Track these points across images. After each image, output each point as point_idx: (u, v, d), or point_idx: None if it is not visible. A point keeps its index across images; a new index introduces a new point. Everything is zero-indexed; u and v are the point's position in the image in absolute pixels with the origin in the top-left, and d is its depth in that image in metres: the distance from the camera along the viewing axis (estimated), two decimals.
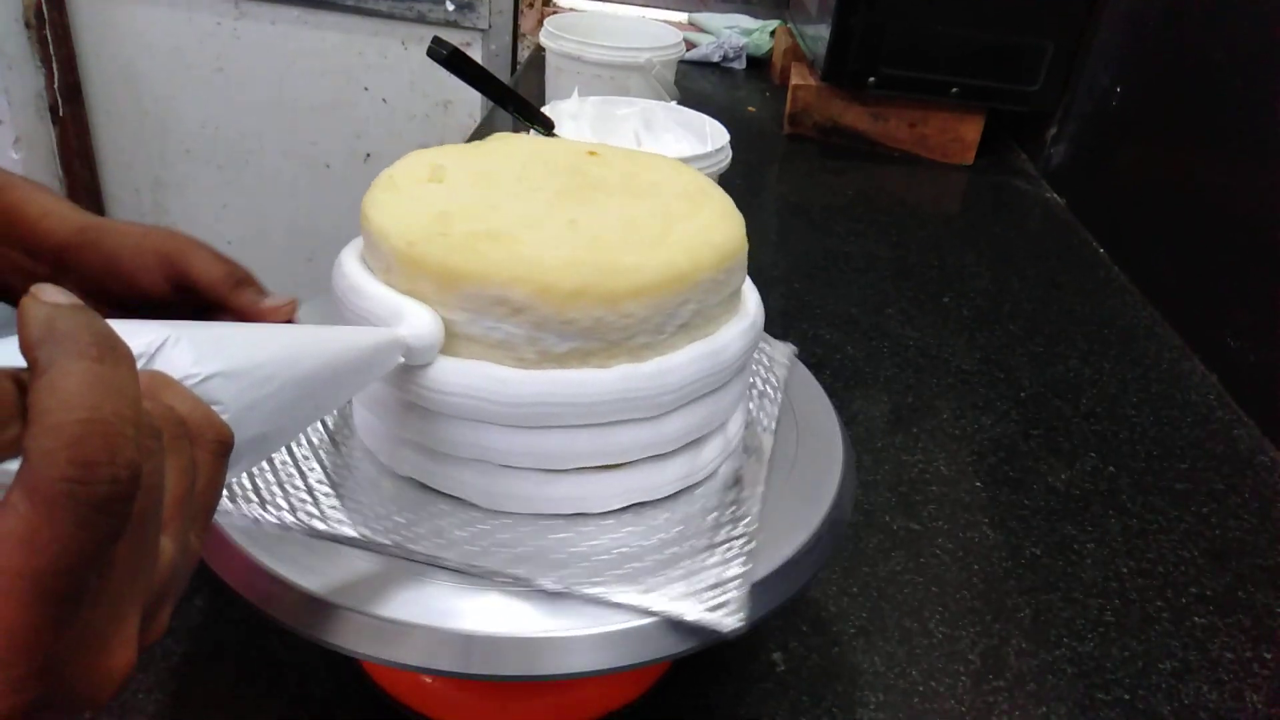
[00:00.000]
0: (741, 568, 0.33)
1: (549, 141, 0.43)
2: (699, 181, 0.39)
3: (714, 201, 0.38)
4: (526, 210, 0.35)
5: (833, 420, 0.43)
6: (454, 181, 0.37)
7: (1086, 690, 0.46)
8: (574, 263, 0.32)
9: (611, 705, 0.40)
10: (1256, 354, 0.71)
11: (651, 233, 0.34)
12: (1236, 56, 0.80)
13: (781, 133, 1.18)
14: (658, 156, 0.42)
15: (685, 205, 0.37)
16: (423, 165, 0.37)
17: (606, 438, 0.34)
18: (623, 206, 0.36)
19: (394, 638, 0.31)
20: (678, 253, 0.33)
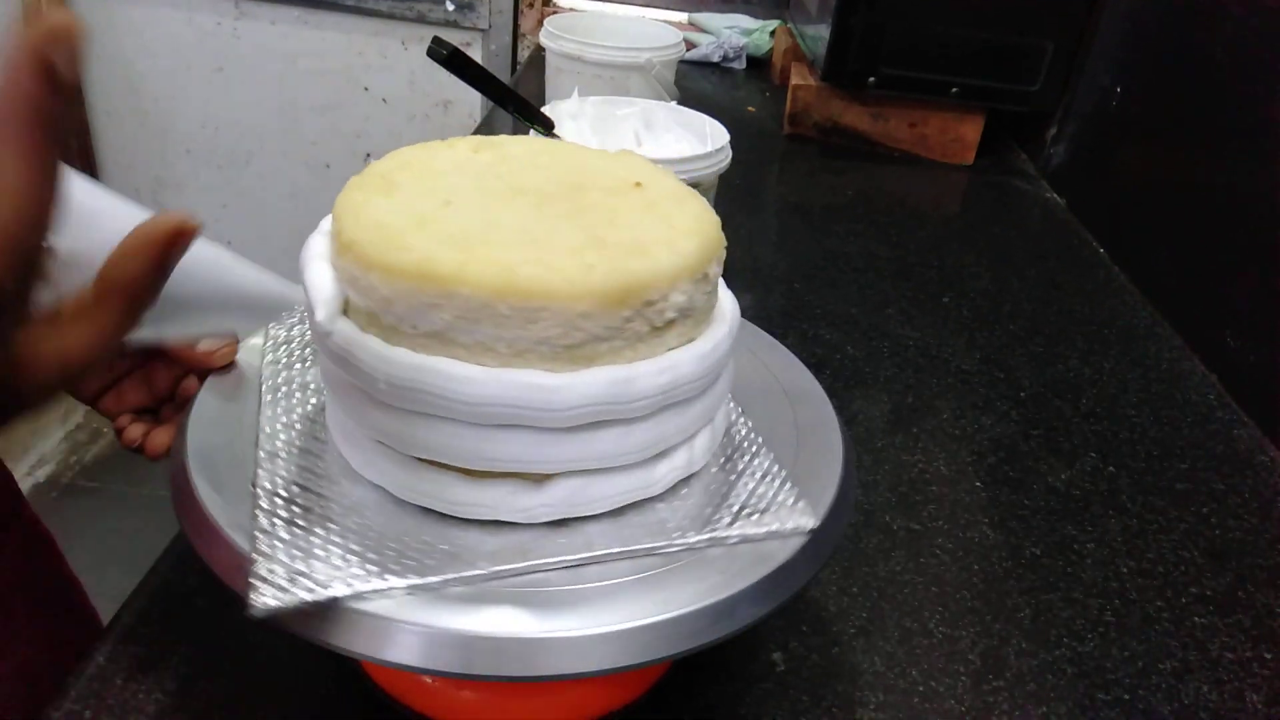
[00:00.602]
0: (784, 482, 0.37)
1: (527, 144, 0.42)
2: (665, 187, 0.38)
3: (681, 208, 0.37)
4: (493, 216, 0.34)
5: (833, 420, 0.43)
6: (411, 188, 0.36)
7: (1086, 690, 0.46)
8: (515, 266, 0.31)
9: (611, 705, 0.40)
10: (1256, 354, 0.71)
11: (615, 240, 0.33)
12: (1236, 56, 0.80)
13: (781, 133, 1.18)
14: (636, 160, 0.41)
15: (648, 213, 0.35)
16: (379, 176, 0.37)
17: (586, 444, 0.34)
18: (587, 211, 0.35)
19: (394, 638, 0.31)
20: (644, 261, 0.32)
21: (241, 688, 0.41)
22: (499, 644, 0.31)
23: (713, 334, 0.36)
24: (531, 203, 0.35)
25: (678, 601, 0.32)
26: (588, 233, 0.33)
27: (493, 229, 0.33)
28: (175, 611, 0.43)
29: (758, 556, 0.34)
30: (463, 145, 0.39)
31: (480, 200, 0.35)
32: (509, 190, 0.36)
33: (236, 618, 0.43)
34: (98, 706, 0.39)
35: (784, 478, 0.38)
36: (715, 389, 0.37)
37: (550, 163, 0.39)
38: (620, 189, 0.37)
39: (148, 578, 0.45)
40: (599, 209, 0.35)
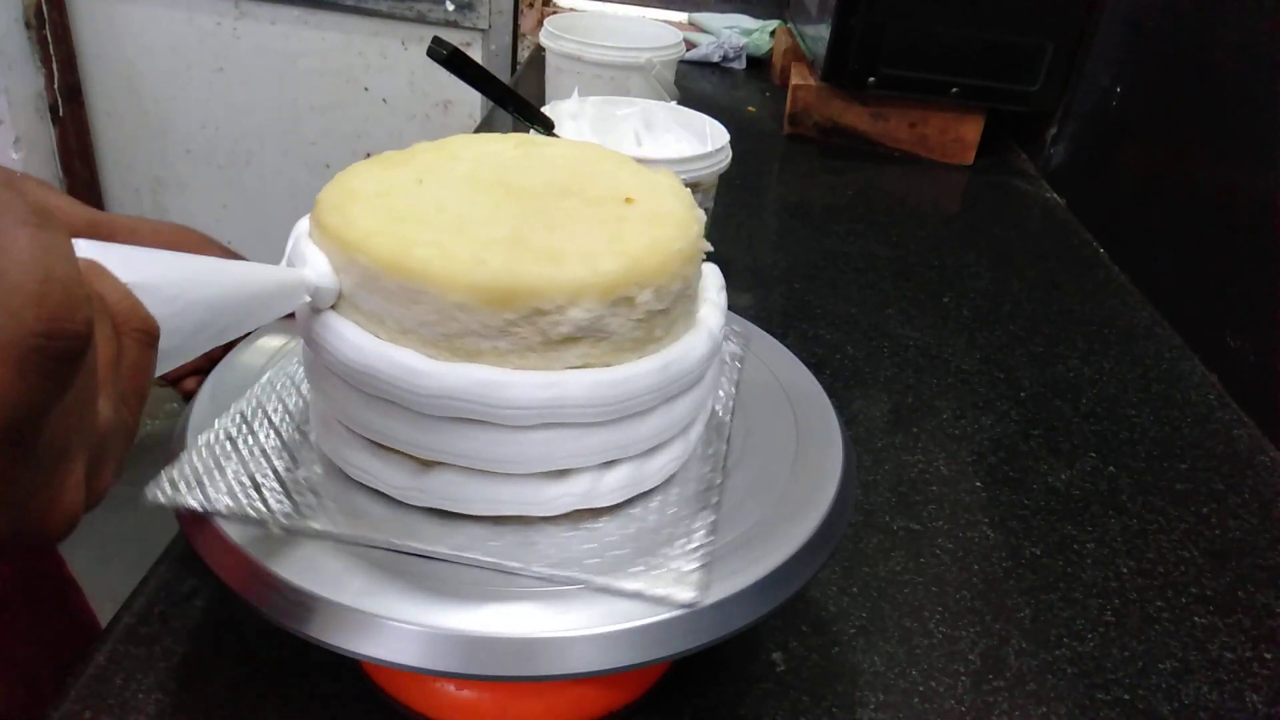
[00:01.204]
0: (701, 556, 0.34)
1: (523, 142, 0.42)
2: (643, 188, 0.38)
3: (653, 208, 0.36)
4: (448, 202, 0.35)
5: (833, 420, 0.43)
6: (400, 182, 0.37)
7: (1086, 690, 0.46)
8: (481, 262, 0.31)
9: (611, 705, 0.40)
10: (1256, 354, 0.71)
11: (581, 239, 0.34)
12: (1236, 56, 0.80)
13: (781, 133, 1.18)
14: (616, 159, 0.41)
15: (606, 226, 0.35)
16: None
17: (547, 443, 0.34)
18: (560, 211, 0.35)
19: (394, 638, 0.31)
20: (545, 269, 0.32)
21: (241, 688, 0.41)
22: (499, 644, 0.31)
23: (634, 367, 0.33)
24: (503, 197, 0.36)
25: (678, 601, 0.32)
26: (520, 232, 0.33)
27: (437, 212, 0.34)
28: (175, 611, 0.43)
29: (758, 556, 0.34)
30: (509, 140, 0.41)
31: (455, 187, 0.36)
32: (496, 184, 0.37)
33: (237, 618, 0.43)
34: (98, 706, 0.39)
35: (702, 546, 0.35)
36: (634, 424, 0.35)
37: (565, 165, 0.39)
38: (607, 199, 0.36)
39: (148, 578, 0.45)
40: (560, 212, 0.35)
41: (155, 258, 0.28)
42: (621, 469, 0.36)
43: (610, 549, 0.35)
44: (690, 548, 0.34)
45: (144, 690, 0.40)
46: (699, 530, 0.35)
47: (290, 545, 0.33)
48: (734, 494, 0.38)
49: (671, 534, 0.36)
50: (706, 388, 0.38)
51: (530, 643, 0.31)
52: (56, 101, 1.74)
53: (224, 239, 0.44)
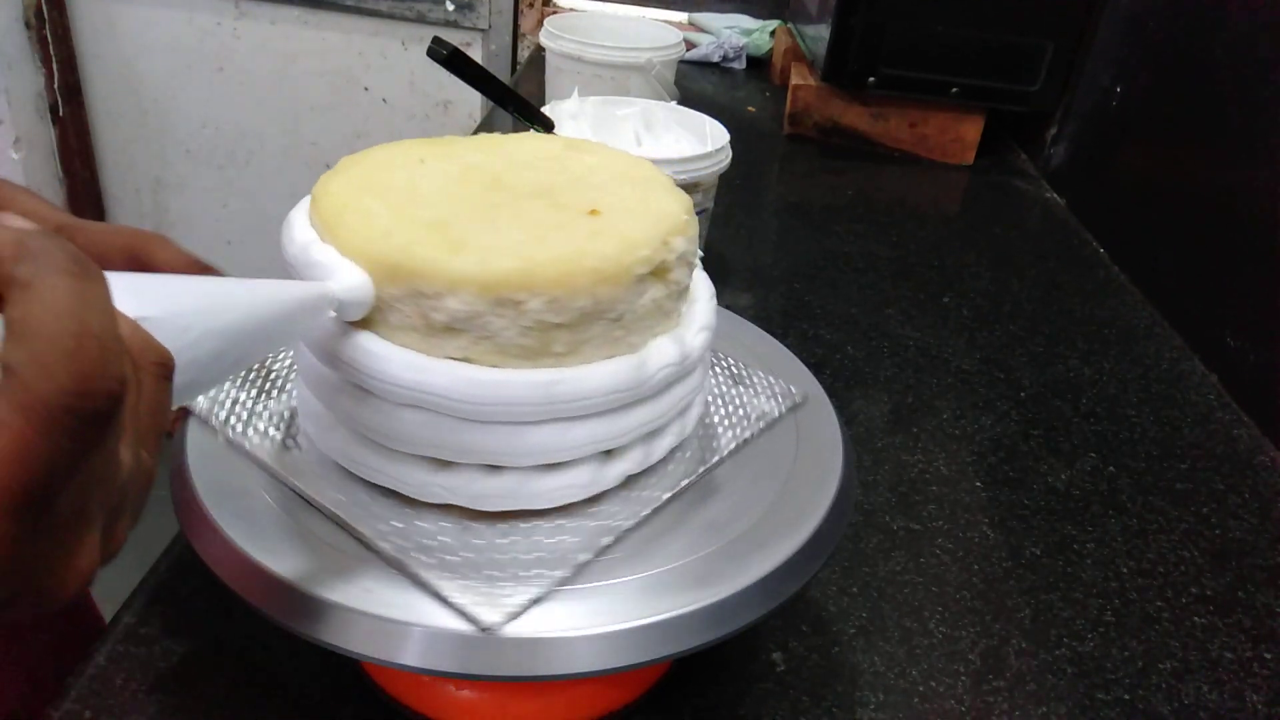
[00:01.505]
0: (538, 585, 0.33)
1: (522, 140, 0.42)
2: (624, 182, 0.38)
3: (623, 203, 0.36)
4: (434, 199, 0.35)
5: (833, 420, 0.43)
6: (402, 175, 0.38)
7: (1086, 690, 0.46)
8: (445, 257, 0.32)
9: (611, 705, 0.40)
10: (1256, 354, 0.71)
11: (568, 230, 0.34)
12: (1236, 56, 0.80)
13: (781, 133, 1.18)
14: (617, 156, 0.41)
15: (540, 227, 0.35)
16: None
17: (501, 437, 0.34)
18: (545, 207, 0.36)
19: (394, 638, 0.31)
20: (428, 252, 0.32)
21: (241, 688, 0.41)
22: (499, 644, 0.31)
23: (515, 375, 0.32)
24: (479, 191, 0.36)
25: (678, 601, 0.32)
26: (453, 219, 0.34)
27: (409, 194, 0.35)
28: (175, 611, 0.43)
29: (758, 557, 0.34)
30: (557, 143, 0.41)
31: (446, 177, 0.37)
32: (489, 178, 0.37)
33: (236, 618, 0.43)
34: (98, 706, 0.39)
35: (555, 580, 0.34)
36: (516, 433, 0.34)
37: (577, 171, 0.39)
38: (574, 207, 0.36)
39: (148, 578, 0.45)
40: (514, 210, 0.35)
41: (164, 285, 0.26)
42: (506, 477, 0.35)
43: (494, 552, 0.34)
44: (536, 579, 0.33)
45: (144, 690, 0.40)
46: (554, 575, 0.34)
47: (290, 545, 0.33)
48: (734, 494, 0.38)
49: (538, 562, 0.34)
50: (629, 418, 0.36)
51: (530, 643, 0.31)
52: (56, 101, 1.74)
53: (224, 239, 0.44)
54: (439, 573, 0.33)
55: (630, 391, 0.34)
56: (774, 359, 0.47)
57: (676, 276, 0.35)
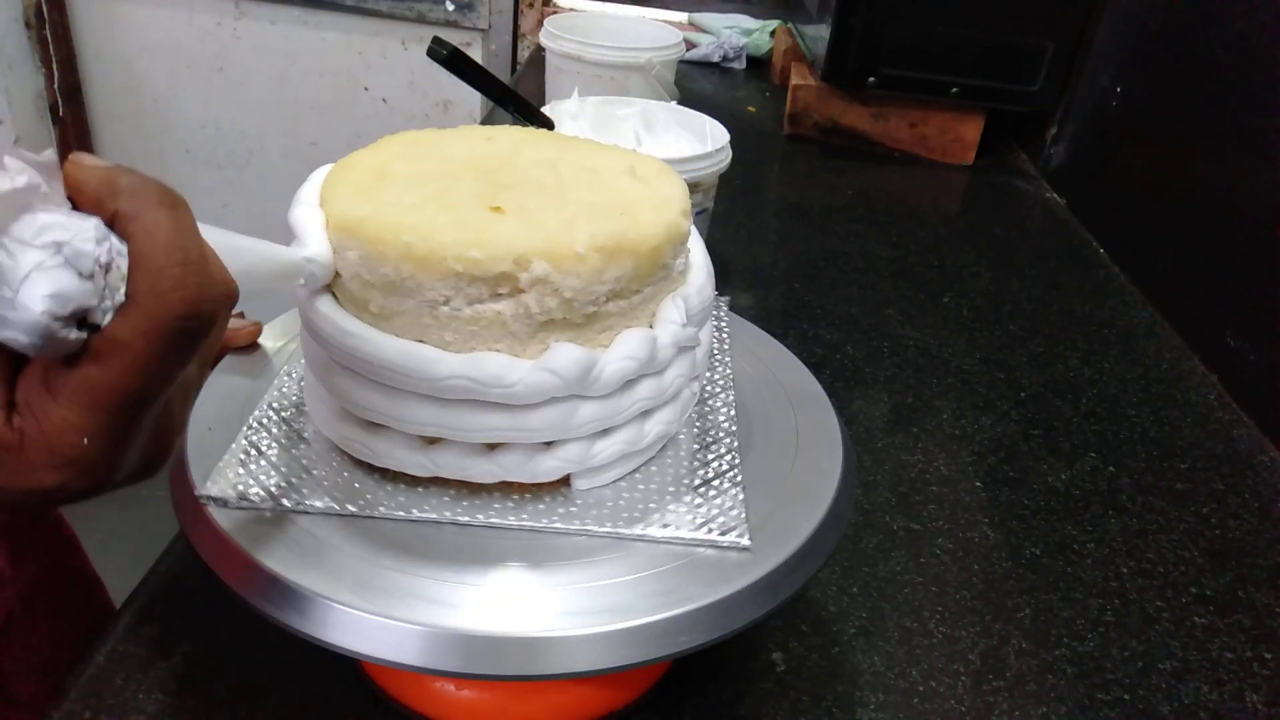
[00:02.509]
0: (735, 498, 0.37)
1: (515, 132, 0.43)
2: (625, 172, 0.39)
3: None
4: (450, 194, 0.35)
5: (833, 420, 0.43)
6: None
7: (1086, 690, 0.46)
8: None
9: (612, 705, 0.40)
10: (1256, 354, 0.71)
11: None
12: (1236, 56, 0.80)
13: (781, 133, 1.18)
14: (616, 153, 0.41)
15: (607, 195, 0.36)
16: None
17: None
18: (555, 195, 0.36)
19: (394, 638, 0.31)
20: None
21: (241, 688, 0.41)
22: (499, 644, 0.31)
23: (472, 359, 0.33)
24: (473, 177, 0.37)
25: (678, 601, 0.32)
26: (445, 194, 0.35)
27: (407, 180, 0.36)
28: (175, 611, 0.43)
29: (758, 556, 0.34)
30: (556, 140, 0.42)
31: (446, 171, 0.37)
32: (493, 166, 0.38)
33: (236, 617, 0.43)
34: (98, 706, 0.39)
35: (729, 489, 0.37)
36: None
37: (562, 167, 0.39)
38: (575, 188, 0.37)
39: (148, 578, 0.45)
40: (512, 197, 0.36)
41: (207, 231, 0.28)
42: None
43: (637, 502, 0.36)
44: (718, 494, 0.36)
45: (144, 690, 0.40)
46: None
47: (290, 544, 0.33)
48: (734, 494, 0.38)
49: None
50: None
51: (530, 643, 0.31)
52: (56, 101, 1.74)
53: None
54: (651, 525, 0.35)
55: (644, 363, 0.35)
56: (774, 359, 0.47)
57: None
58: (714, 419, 0.42)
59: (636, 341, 0.35)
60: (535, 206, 0.34)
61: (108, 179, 0.23)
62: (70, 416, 0.22)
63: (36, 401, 0.22)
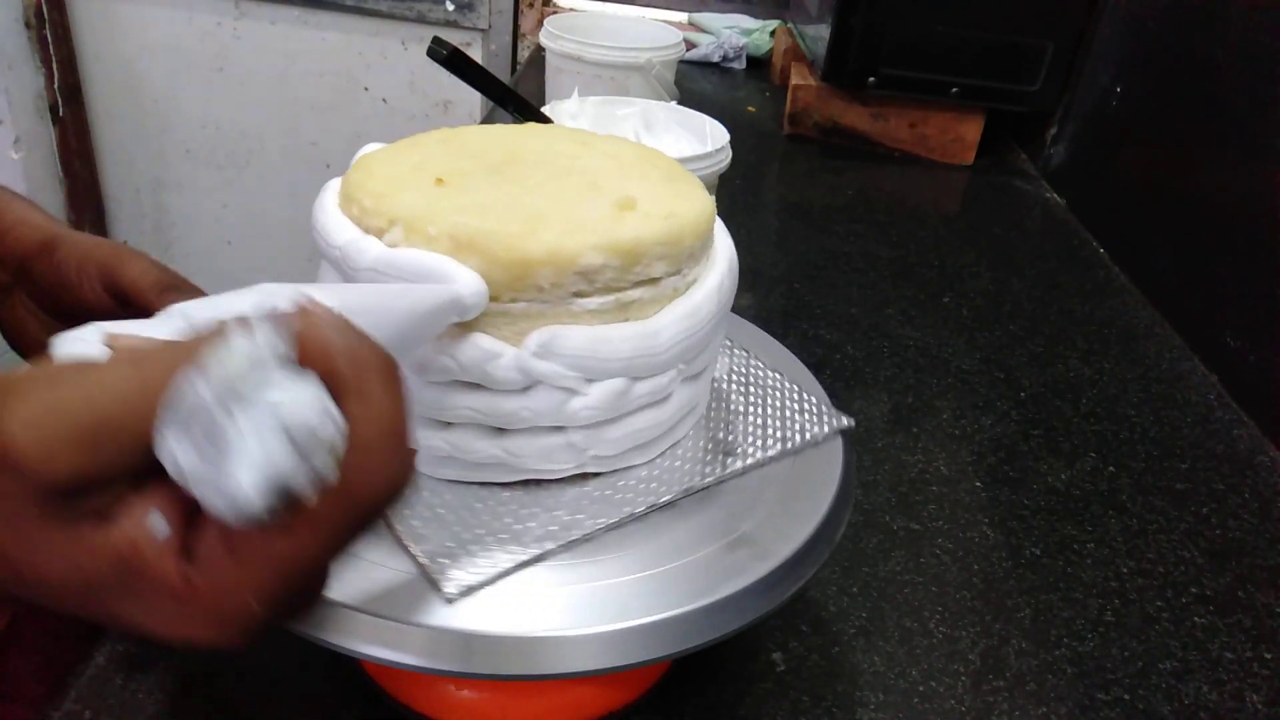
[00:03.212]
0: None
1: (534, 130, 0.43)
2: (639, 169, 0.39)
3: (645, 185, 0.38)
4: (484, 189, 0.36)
5: None
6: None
7: (1086, 690, 0.46)
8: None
9: (611, 705, 0.40)
10: (1256, 354, 0.71)
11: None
12: (1236, 56, 0.80)
13: (781, 133, 1.18)
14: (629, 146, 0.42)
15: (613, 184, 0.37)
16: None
17: None
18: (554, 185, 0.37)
19: (394, 638, 0.31)
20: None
21: (241, 688, 0.41)
22: (499, 644, 0.31)
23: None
24: (487, 168, 0.37)
25: (678, 601, 0.32)
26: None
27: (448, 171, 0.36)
28: None
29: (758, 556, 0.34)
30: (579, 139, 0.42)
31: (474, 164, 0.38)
32: (509, 160, 0.38)
33: None
34: (98, 706, 0.39)
35: None
36: None
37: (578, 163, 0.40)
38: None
39: None
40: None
41: (337, 293, 0.26)
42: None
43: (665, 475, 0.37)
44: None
45: (144, 690, 0.40)
46: None
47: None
48: (734, 494, 0.38)
49: None
50: None
51: (530, 643, 0.31)
52: (56, 101, 1.74)
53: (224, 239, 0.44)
54: (419, 533, 0.33)
55: None
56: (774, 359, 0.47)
57: None
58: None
59: None
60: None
61: (349, 351, 0.22)
62: (245, 580, 0.21)
63: (215, 558, 0.21)
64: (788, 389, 0.44)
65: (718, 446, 0.40)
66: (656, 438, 0.38)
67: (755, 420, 0.42)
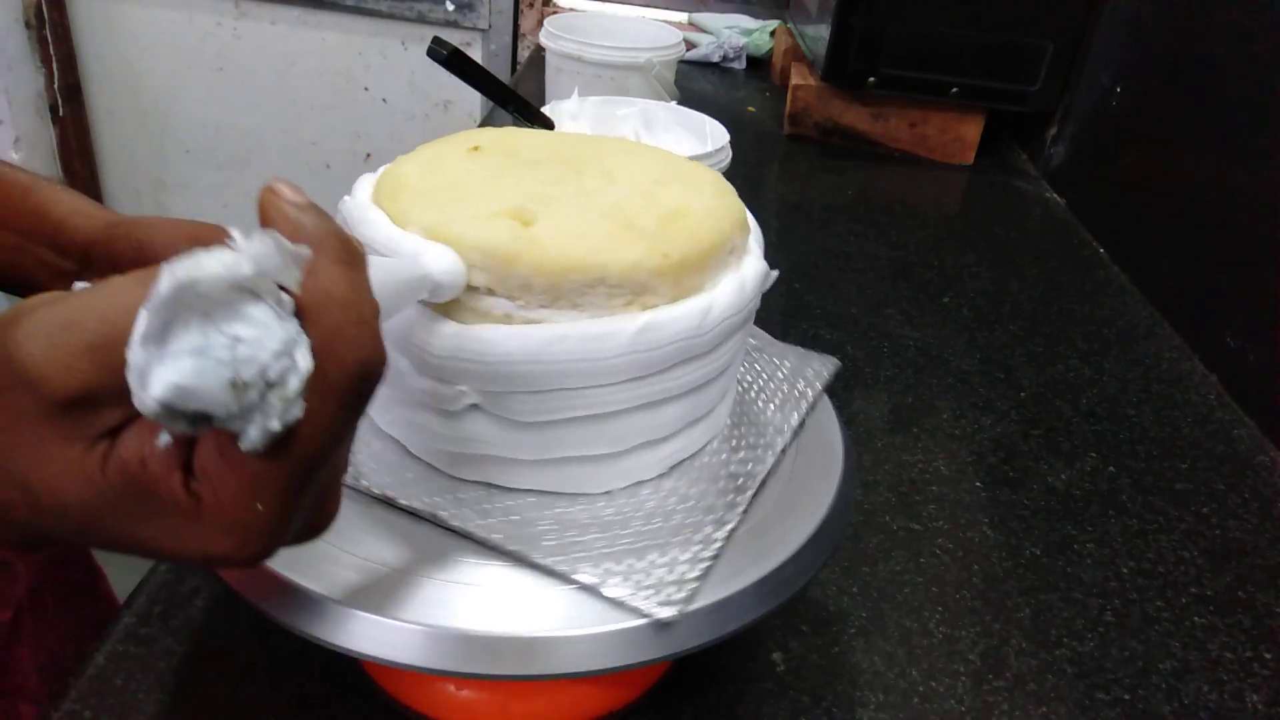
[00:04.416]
0: (697, 566, 0.33)
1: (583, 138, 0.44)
2: (684, 174, 0.40)
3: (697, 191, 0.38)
4: (529, 187, 0.36)
5: (833, 420, 0.43)
6: (487, 155, 0.39)
7: (1086, 690, 0.46)
8: (513, 236, 0.33)
9: (612, 705, 0.40)
10: (1256, 354, 0.71)
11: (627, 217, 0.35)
12: (1236, 56, 0.80)
13: (781, 133, 1.18)
14: (680, 161, 0.42)
15: (665, 192, 0.37)
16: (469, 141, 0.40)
17: None
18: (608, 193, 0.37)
19: (394, 638, 0.31)
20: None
21: (241, 688, 0.41)
22: (499, 644, 0.31)
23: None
24: (518, 167, 0.38)
25: None
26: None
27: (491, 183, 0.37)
28: (175, 611, 0.43)
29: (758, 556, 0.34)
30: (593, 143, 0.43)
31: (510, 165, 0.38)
32: (541, 161, 0.39)
33: (237, 618, 0.43)
34: (98, 706, 0.39)
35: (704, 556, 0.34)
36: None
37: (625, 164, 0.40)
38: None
39: (148, 578, 0.45)
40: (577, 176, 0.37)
41: None
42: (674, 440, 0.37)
43: (619, 539, 0.35)
44: (690, 555, 0.34)
45: (144, 690, 0.40)
46: (707, 533, 0.35)
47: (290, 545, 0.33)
48: None
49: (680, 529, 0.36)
50: None
51: (530, 643, 0.31)
52: (56, 101, 1.74)
53: None
54: (574, 561, 0.33)
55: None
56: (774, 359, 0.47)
57: None
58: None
59: None
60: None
61: (296, 223, 0.22)
62: (245, 483, 0.21)
63: (213, 468, 0.21)
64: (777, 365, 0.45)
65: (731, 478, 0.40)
66: None
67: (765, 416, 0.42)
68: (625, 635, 0.31)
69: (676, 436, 0.38)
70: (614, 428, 0.35)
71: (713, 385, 0.38)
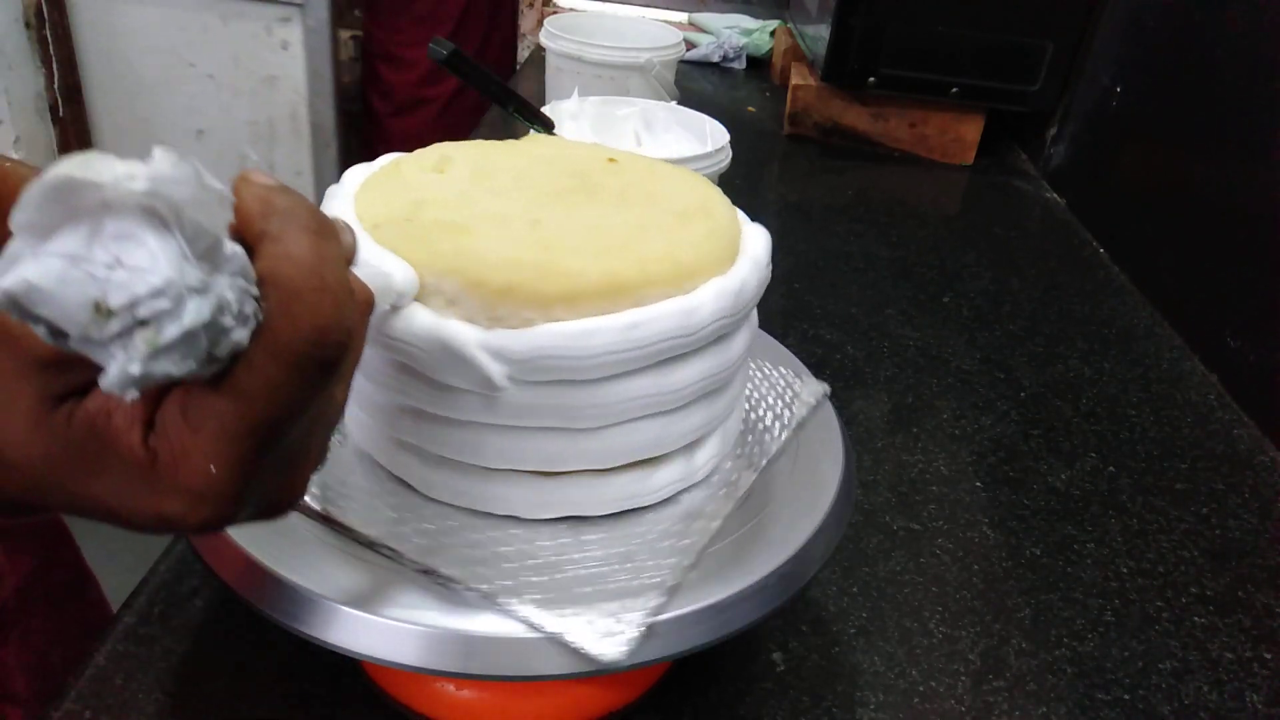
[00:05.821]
0: (648, 602, 0.32)
1: (574, 145, 0.42)
2: (703, 197, 0.38)
3: (709, 219, 0.36)
4: (501, 208, 0.35)
5: (833, 420, 0.43)
6: (453, 174, 0.37)
7: (1086, 690, 0.46)
8: (512, 261, 0.31)
9: (611, 705, 0.40)
10: (1256, 354, 0.71)
11: (613, 241, 0.33)
12: (1236, 56, 0.80)
13: (781, 133, 1.18)
14: (678, 170, 0.41)
15: (672, 219, 0.35)
16: (433, 155, 0.38)
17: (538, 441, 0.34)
18: (602, 214, 0.35)
19: (394, 638, 0.31)
20: (628, 264, 0.32)
21: (241, 688, 0.41)
22: (499, 644, 0.31)
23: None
24: (526, 182, 0.37)
25: (678, 601, 0.32)
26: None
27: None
28: (175, 611, 0.43)
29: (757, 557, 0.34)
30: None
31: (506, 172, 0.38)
32: (554, 173, 0.38)
33: (236, 618, 0.43)
34: (98, 706, 0.39)
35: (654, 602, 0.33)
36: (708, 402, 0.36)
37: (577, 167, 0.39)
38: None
39: (148, 578, 0.45)
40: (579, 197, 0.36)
41: None
42: (668, 466, 0.36)
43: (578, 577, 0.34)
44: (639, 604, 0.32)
45: (144, 690, 0.40)
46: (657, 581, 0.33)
47: (291, 545, 0.33)
48: None
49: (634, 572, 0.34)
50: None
51: (530, 643, 0.31)
52: (56, 101, 1.75)
53: None
54: (523, 598, 0.32)
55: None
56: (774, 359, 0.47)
57: None
58: None
59: None
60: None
61: (263, 198, 0.22)
62: (199, 443, 0.21)
63: (172, 425, 0.21)
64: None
65: None
66: None
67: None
68: None
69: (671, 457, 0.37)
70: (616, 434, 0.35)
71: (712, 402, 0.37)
